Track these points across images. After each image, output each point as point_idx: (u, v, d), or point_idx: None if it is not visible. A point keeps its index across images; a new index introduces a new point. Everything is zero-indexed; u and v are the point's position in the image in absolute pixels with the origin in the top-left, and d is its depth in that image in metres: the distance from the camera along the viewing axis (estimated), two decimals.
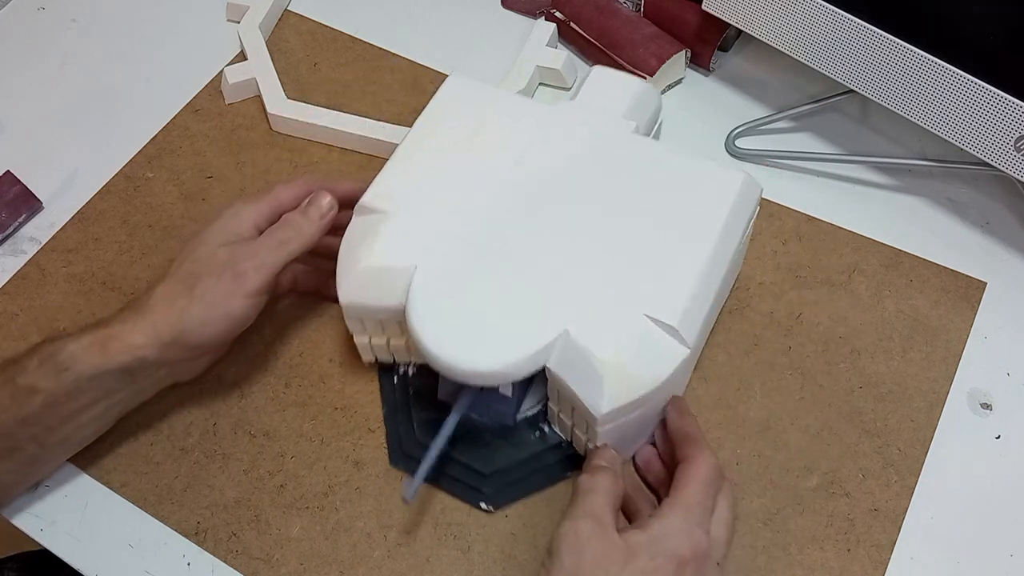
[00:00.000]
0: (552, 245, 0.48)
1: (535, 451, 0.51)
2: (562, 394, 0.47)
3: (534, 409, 0.52)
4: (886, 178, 0.63)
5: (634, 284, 0.46)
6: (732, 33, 0.68)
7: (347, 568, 0.49)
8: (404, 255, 0.48)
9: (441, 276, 0.47)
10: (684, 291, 0.45)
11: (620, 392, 0.44)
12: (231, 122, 0.68)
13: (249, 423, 0.54)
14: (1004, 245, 0.60)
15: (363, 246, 0.49)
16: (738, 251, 0.50)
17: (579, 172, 0.50)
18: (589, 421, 0.45)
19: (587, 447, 0.49)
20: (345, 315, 0.50)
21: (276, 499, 0.52)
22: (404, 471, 0.52)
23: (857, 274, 0.58)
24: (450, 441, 0.47)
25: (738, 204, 0.49)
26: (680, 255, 0.47)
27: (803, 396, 0.54)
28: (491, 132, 0.52)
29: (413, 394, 0.53)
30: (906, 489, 0.51)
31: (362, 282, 0.48)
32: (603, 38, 0.67)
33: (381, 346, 0.53)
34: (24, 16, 0.77)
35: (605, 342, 0.44)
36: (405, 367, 0.54)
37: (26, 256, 0.62)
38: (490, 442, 0.51)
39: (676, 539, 0.41)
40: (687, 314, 0.45)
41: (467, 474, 0.51)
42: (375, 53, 0.71)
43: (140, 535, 0.51)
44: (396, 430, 0.53)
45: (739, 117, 0.65)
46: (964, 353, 0.55)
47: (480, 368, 0.44)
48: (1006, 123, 0.52)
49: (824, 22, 0.57)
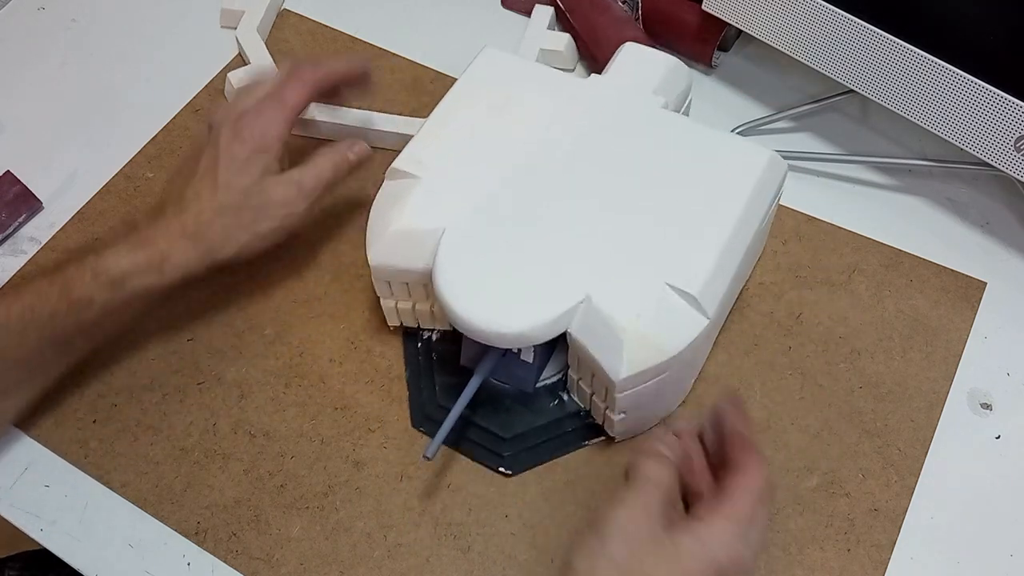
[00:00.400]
0: (578, 213, 0.49)
1: (554, 418, 0.52)
2: (582, 360, 0.48)
3: (554, 378, 0.53)
4: (886, 178, 0.63)
5: (657, 253, 0.47)
6: (732, 33, 0.68)
7: (347, 568, 0.49)
8: (433, 219, 0.49)
9: (468, 240, 0.48)
10: (706, 262, 0.46)
11: (639, 358, 0.45)
12: None
13: (249, 423, 0.54)
14: (1004, 245, 0.60)
15: (393, 210, 0.50)
16: (761, 229, 0.51)
17: (607, 143, 0.52)
18: (608, 387, 0.46)
19: (605, 415, 0.49)
20: (374, 277, 0.52)
21: (276, 499, 0.52)
22: (425, 433, 0.53)
23: (857, 274, 0.58)
24: (471, 406, 0.49)
25: (763, 180, 0.50)
26: (704, 227, 0.48)
27: (803, 396, 0.54)
28: (522, 103, 0.53)
29: (436, 359, 0.55)
30: (906, 489, 0.51)
31: (392, 244, 0.50)
32: (588, 34, 0.68)
33: (406, 310, 0.54)
34: (24, 16, 0.77)
35: (626, 309, 0.45)
36: (429, 333, 0.56)
37: (26, 256, 0.62)
38: (510, 408, 0.52)
39: (720, 548, 0.40)
40: (708, 284, 0.46)
41: (487, 438, 0.52)
42: (375, 53, 0.71)
43: (140, 535, 0.51)
44: (419, 394, 0.54)
45: (739, 117, 0.65)
46: (964, 353, 0.55)
47: (503, 330, 0.45)
48: (1006, 123, 0.52)
49: (824, 22, 0.57)
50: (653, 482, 0.42)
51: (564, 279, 0.46)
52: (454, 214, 0.49)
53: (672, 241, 0.47)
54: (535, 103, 0.53)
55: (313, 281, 0.60)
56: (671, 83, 0.56)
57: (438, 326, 0.55)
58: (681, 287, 0.46)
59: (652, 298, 0.46)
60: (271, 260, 0.60)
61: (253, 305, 0.59)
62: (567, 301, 0.46)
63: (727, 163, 0.50)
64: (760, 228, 0.50)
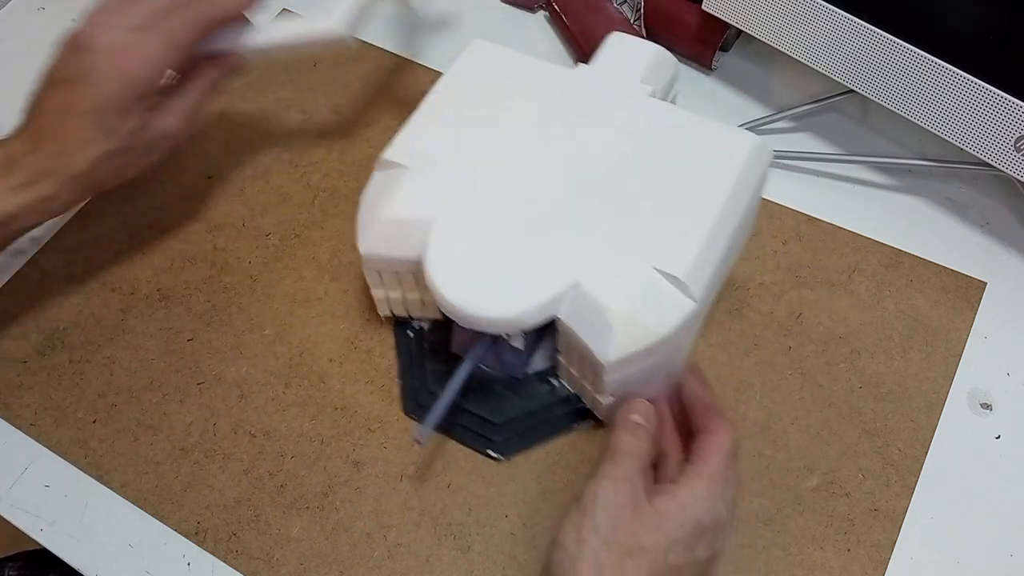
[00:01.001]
0: (566, 200, 0.49)
1: (544, 403, 0.53)
2: (571, 345, 0.48)
3: (544, 365, 0.53)
4: (886, 178, 0.63)
5: (644, 238, 0.48)
6: (732, 33, 0.68)
7: (347, 568, 0.50)
8: (422, 208, 0.49)
9: (458, 228, 0.48)
10: (692, 246, 0.47)
11: (627, 341, 0.45)
12: (231, 122, 0.68)
13: (249, 423, 0.54)
14: (1004, 245, 0.60)
15: (383, 200, 0.51)
16: (747, 214, 0.51)
17: (594, 131, 0.52)
18: (597, 370, 0.47)
19: (595, 400, 0.50)
20: (364, 267, 0.52)
21: (276, 499, 0.52)
22: (417, 420, 0.54)
23: (857, 274, 0.58)
24: (462, 392, 0.49)
25: (748, 165, 0.50)
26: (689, 212, 0.48)
27: (803, 396, 0.54)
28: (510, 92, 0.54)
29: (428, 348, 0.55)
30: (906, 489, 0.51)
31: (382, 234, 0.50)
32: (583, 34, 0.68)
33: (397, 300, 0.54)
34: (24, 16, 0.77)
35: (614, 293, 0.46)
36: (420, 323, 0.56)
37: (26, 256, 0.62)
38: (501, 394, 0.53)
39: (701, 508, 0.42)
40: (694, 268, 0.46)
41: (478, 423, 0.53)
42: (375, 53, 0.71)
43: (140, 535, 0.51)
44: (411, 382, 0.55)
45: (739, 117, 0.65)
46: (964, 353, 0.55)
47: (492, 315, 0.46)
48: (1006, 123, 0.52)
49: (824, 22, 0.57)
50: (632, 454, 0.44)
51: (553, 265, 0.47)
52: (443, 203, 0.49)
53: (659, 226, 0.48)
54: (523, 93, 0.54)
55: (313, 281, 0.60)
56: (657, 72, 0.56)
57: (429, 315, 0.56)
58: (668, 271, 0.46)
59: (640, 282, 0.46)
60: (271, 260, 0.61)
61: (253, 305, 0.59)
62: (556, 287, 0.46)
63: (713, 149, 0.51)
64: (746, 213, 0.51)
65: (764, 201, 0.61)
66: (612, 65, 0.56)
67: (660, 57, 0.57)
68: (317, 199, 0.63)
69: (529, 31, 0.72)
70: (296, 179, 0.65)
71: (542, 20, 0.73)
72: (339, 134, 0.67)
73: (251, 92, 0.70)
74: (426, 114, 0.54)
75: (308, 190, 0.64)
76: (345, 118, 0.68)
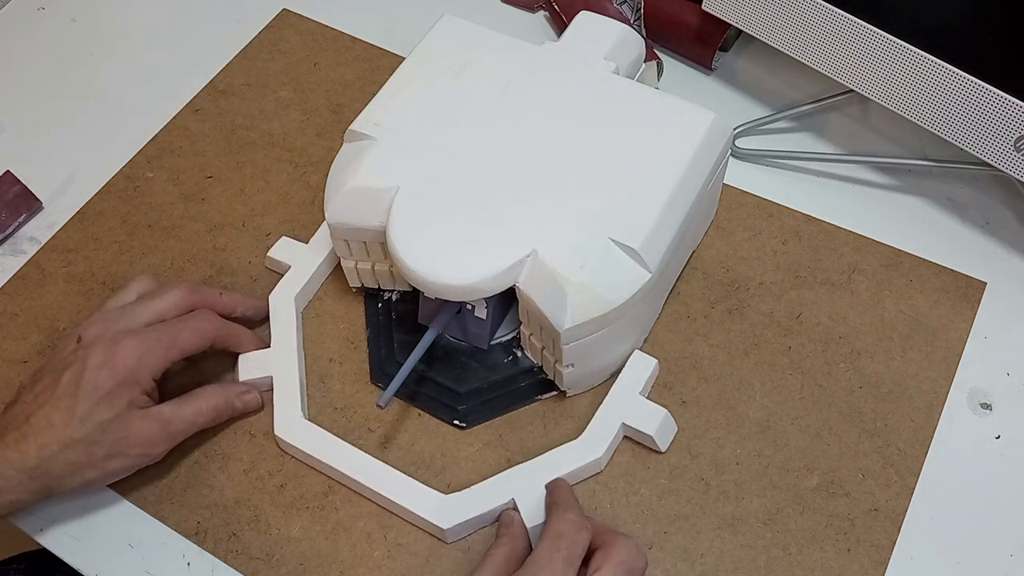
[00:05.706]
0: (527, 172, 0.51)
1: (508, 374, 0.54)
2: (531, 313, 0.49)
3: (508, 336, 0.55)
4: (886, 178, 0.63)
5: (602, 210, 0.49)
6: (732, 33, 0.68)
7: (347, 568, 0.50)
8: (387, 178, 0.51)
9: (421, 197, 0.50)
10: (648, 218, 0.48)
11: (582, 310, 0.47)
12: (231, 122, 0.68)
13: (249, 423, 0.54)
14: (1004, 245, 0.60)
15: (349, 169, 0.52)
16: (706, 191, 0.52)
17: (557, 106, 0.53)
18: (555, 338, 0.48)
19: (556, 369, 0.51)
20: (332, 236, 0.53)
21: (276, 499, 0.52)
22: (383, 387, 0.54)
23: (857, 274, 0.58)
24: (428, 362, 0.51)
25: (707, 141, 0.51)
26: (647, 185, 0.50)
27: (803, 396, 0.54)
28: (477, 67, 0.55)
29: (395, 318, 0.56)
30: (906, 489, 0.51)
31: (347, 202, 0.51)
32: None
33: (366, 271, 0.55)
34: (24, 16, 0.77)
35: (571, 262, 0.47)
36: (389, 293, 0.57)
37: (26, 256, 0.62)
38: (465, 364, 0.54)
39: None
40: (649, 239, 0.48)
41: (443, 392, 0.54)
42: (375, 53, 0.71)
43: (140, 535, 0.51)
44: (378, 351, 0.56)
45: (739, 117, 0.65)
46: (964, 353, 0.55)
47: (452, 282, 0.47)
48: (1006, 123, 0.52)
49: (824, 22, 0.57)
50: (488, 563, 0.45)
51: (512, 234, 0.48)
52: (408, 173, 0.51)
53: (617, 198, 0.49)
54: (490, 68, 0.55)
55: None
56: (622, 49, 0.57)
57: (398, 287, 0.57)
58: (623, 241, 0.47)
59: (596, 252, 0.47)
60: None
61: None
62: (515, 255, 0.47)
63: (672, 124, 0.52)
64: (705, 189, 0.52)
65: (764, 201, 0.61)
66: (578, 42, 0.57)
67: (625, 35, 0.58)
68: (317, 199, 0.63)
69: (529, 31, 0.72)
70: (296, 179, 0.65)
71: (542, 20, 0.73)
72: (339, 134, 0.67)
73: (251, 92, 0.70)
74: (395, 87, 0.55)
75: (308, 190, 0.64)
76: (345, 118, 0.68)
